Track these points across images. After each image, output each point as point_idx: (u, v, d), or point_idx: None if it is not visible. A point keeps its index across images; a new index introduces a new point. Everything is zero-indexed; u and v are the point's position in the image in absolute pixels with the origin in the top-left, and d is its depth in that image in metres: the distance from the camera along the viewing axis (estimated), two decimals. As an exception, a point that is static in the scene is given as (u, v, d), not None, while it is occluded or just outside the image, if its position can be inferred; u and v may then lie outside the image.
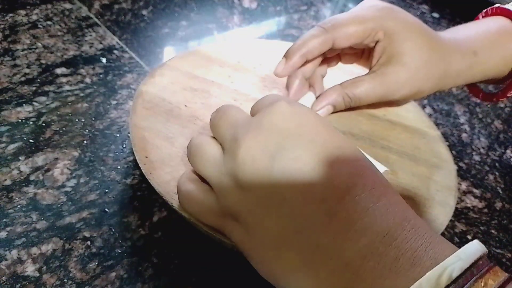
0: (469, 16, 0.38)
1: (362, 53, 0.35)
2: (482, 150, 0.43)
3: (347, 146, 0.19)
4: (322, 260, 0.17)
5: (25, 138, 0.32)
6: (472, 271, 0.14)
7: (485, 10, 0.35)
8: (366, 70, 0.36)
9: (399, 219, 0.17)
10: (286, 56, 0.31)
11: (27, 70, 0.38)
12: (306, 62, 0.32)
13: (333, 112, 0.34)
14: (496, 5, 0.34)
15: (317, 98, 0.33)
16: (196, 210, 0.22)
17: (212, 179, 0.21)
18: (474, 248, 0.15)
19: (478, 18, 0.36)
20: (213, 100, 0.34)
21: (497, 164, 0.41)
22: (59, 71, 0.39)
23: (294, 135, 0.19)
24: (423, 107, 0.47)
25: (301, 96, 0.34)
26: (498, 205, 0.37)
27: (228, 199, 0.20)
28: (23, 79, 0.37)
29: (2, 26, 0.43)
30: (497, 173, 0.40)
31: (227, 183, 0.20)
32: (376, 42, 0.31)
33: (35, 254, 0.25)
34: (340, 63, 0.36)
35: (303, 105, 0.21)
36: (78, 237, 0.26)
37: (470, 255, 0.14)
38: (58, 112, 0.35)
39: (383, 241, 0.16)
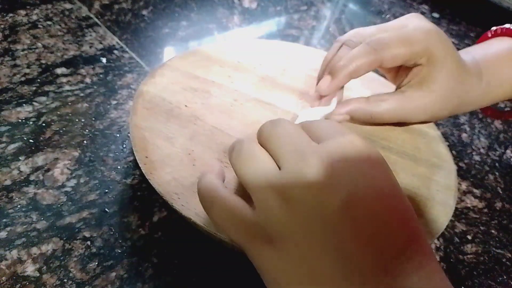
0: (469, 16, 0.38)
1: None
2: (482, 150, 0.43)
3: (408, 202, 0.20)
4: None
5: (25, 138, 0.32)
6: None
7: (494, 28, 0.35)
8: (376, 76, 0.36)
9: (439, 285, 0.18)
10: (332, 73, 0.30)
11: (27, 70, 0.38)
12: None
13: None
14: (507, 26, 0.34)
15: (340, 103, 0.33)
16: (224, 218, 0.20)
17: (257, 190, 0.19)
18: None
19: (487, 35, 0.36)
20: (213, 100, 0.34)
21: (497, 164, 0.41)
22: (59, 71, 0.39)
23: (366, 175, 0.19)
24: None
25: (326, 103, 0.33)
26: (498, 205, 0.37)
27: (271, 216, 0.19)
28: (23, 79, 0.37)
29: (2, 26, 0.43)
30: (497, 173, 0.40)
31: (276, 199, 0.18)
32: (416, 65, 0.31)
33: (35, 254, 0.25)
34: None
35: (370, 143, 0.21)
36: (78, 237, 0.26)
37: None
38: (58, 112, 0.35)
39: None
